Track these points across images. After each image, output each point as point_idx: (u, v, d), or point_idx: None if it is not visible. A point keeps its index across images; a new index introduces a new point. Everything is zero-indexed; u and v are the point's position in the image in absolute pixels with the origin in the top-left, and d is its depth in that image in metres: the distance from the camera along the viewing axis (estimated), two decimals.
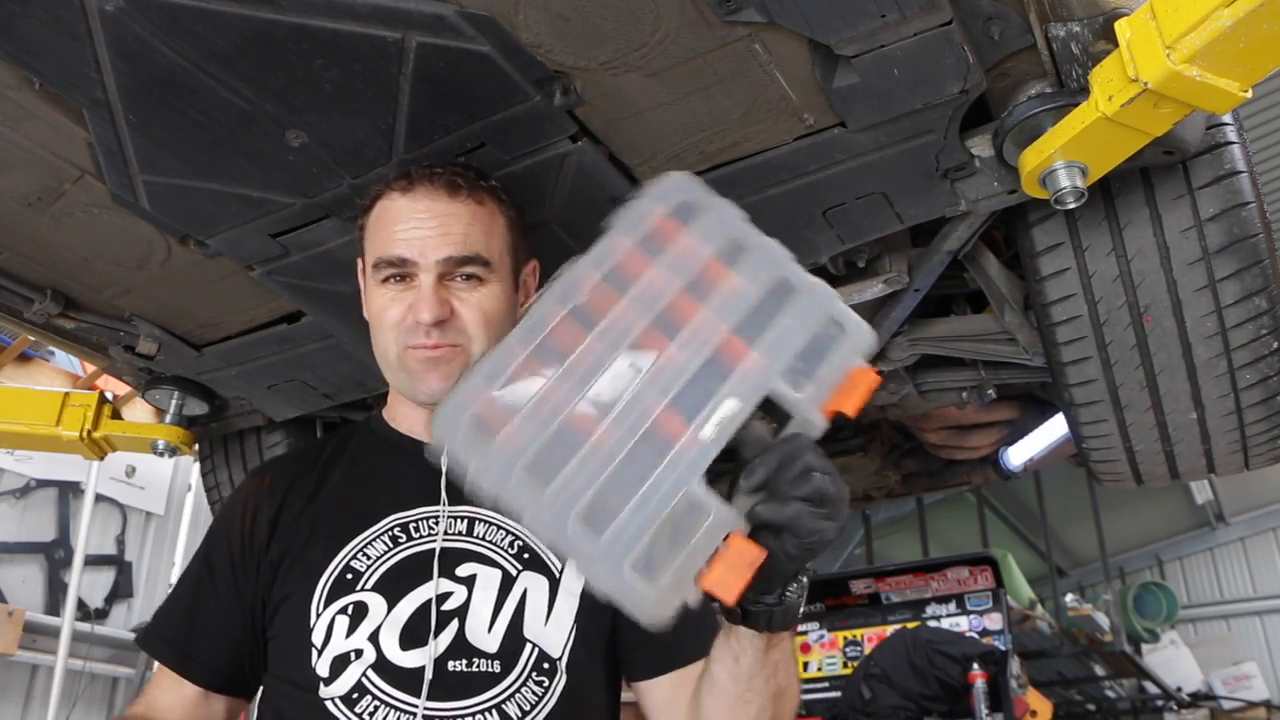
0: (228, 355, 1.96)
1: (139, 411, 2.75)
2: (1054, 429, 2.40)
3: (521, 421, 0.84)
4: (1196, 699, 8.09)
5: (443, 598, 1.16)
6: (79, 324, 1.89)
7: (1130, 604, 8.67)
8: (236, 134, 1.30)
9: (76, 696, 4.44)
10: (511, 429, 0.83)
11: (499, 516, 1.23)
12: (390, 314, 1.20)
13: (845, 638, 5.18)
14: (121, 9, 1.11)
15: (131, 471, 4.95)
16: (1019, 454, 2.64)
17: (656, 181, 0.97)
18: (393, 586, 1.17)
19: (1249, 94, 1.11)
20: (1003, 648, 4.53)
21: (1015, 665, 4.15)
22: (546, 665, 1.15)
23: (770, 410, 0.90)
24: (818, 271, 1.74)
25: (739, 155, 1.39)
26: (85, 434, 2.26)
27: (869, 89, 1.23)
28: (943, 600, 5.08)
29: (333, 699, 1.12)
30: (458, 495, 1.22)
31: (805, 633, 5.28)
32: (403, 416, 1.31)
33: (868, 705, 4.29)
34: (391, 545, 1.21)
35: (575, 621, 1.18)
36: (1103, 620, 7.01)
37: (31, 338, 2.32)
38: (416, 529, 1.22)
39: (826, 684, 5.06)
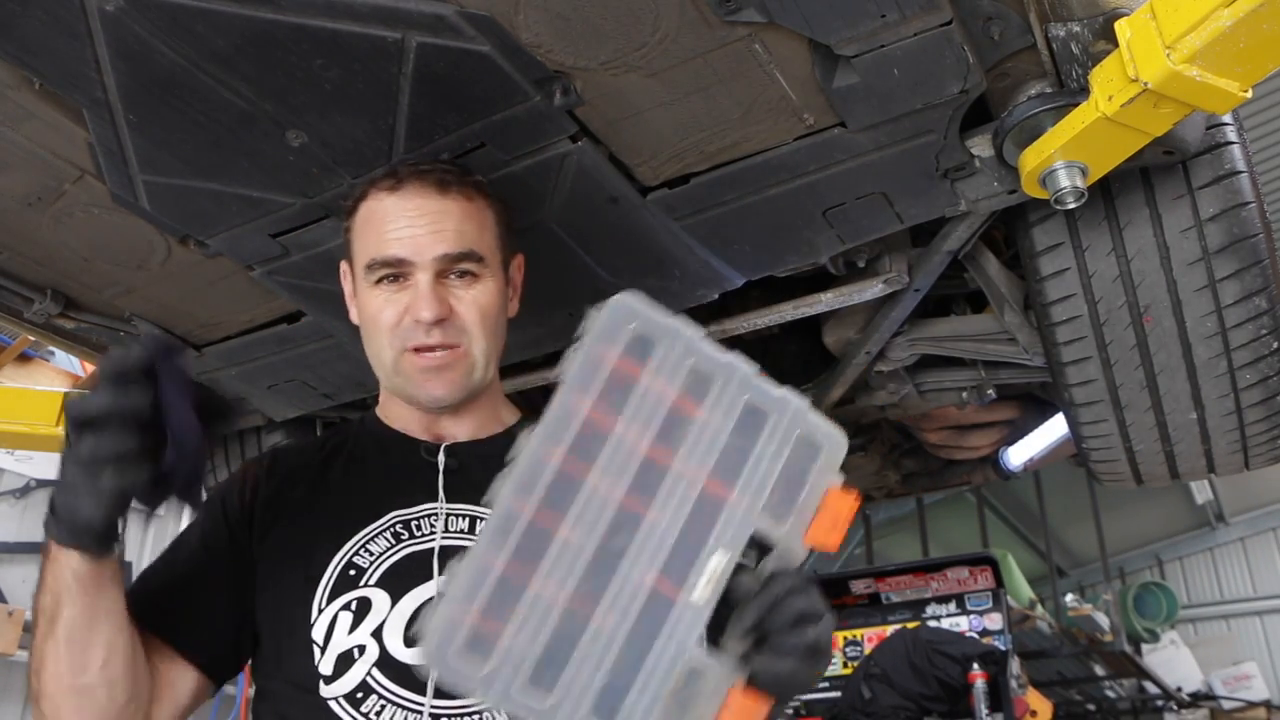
0: (228, 355, 1.96)
1: None
2: (1054, 429, 2.40)
3: (514, 633, 0.78)
4: (1196, 699, 8.09)
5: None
6: (79, 324, 1.89)
7: (1130, 604, 8.68)
8: (236, 134, 1.30)
9: None
10: (505, 643, 0.77)
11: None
12: (386, 315, 1.19)
13: (845, 638, 5.18)
14: (121, 9, 1.11)
15: None
16: (1019, 454, 2.64)
17: (602, 311, 0.85)
18: (396, 583, 1.16)
19: (1249, 94, 1.11)
20: (1003, 648, 4.53)
21: (1015, 665, 4.15)
22: None
23: (752, 545, 0.86)
24: (818, 271, 1.75)
25: (739, 155, 1.39)
26: None
27: (869, 89, 1.23)
28: (943, 600, 5.08)
29: (336, 698, 1.10)
30: (457, 493, 1.21)
31: None
32: (397, 415, 1.31)
33: (868, 705, 4.29)
34: (394, 542, 1.19)
35: None
36: (1103, 620, 7.01)
37: (31, 338, 2.32)
38: (419, 526, 1.20)
39: (826, 684, 5.06)
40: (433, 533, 1.19)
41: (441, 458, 1.25)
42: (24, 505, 4.53)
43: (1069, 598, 7.76)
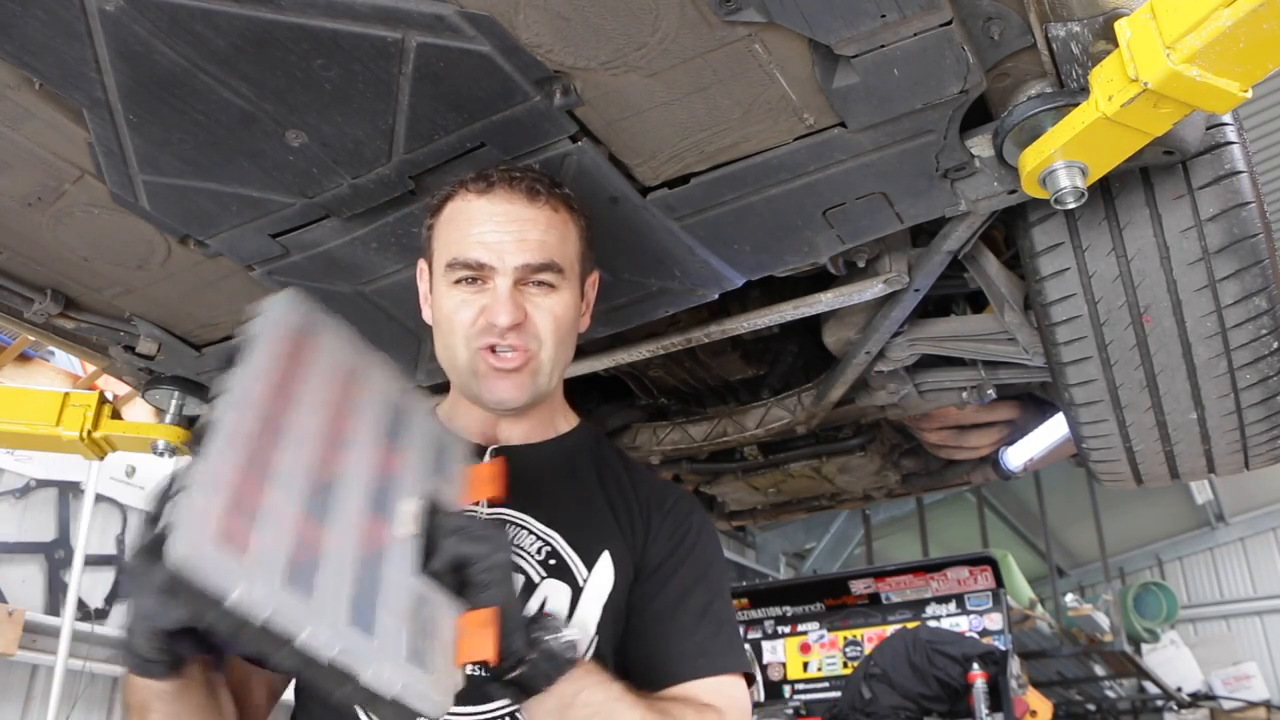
0: (228, 355, 1.96)
1: (139, 411, 2.75)
2: (1054, 429, 2.40)
3: (260, 536, 0.81)
4: (1196, 699, 8.11)
5: None
6: (79, 324, 1.89)
7: (1130, 604, 8.69)
8: (236, 134, 1.30)
9: (76, 696, 4.44)
10: (254, 544, 0.81)
11: (531, 520, 1.22)
12: (462, 316, 1.19)
13: (845, 638, 5.19)
14: (121, 9, 1.11)
15: (131, 471, 4.95)
16: (1019, 454, 2.64)
17: (274, 301, 1.02)
18: None
19: (1249, 94, 1.11)
20: (1003, 648, 4.54)
21: (1015, 665, 4.16)
22: None
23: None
24: (818, 271, 1.75)
25: (739, 155, 1.39)
26: (85, 434, 2.26)
27: (869, 89, 1.23)
28: (943, 600, 5.09)
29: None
30: (528, 505, 1.22)
31: (805, 633, 5.29)
32: (457, 416, 1.31)
33: (868, 705, 4.30)
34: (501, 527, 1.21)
35: (597, 632, 1.18)
36: (1103, 620, 7.01)
37: (31, 338, 2.32)
38: None
39: (826, 684, 5.07)
40: None
41: (486, 460, 1.24)
42: (24, 505, 4.53)
43: (1069, 598, 7.77)
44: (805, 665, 5.22)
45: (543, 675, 1.00)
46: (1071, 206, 1.29)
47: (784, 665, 5.23)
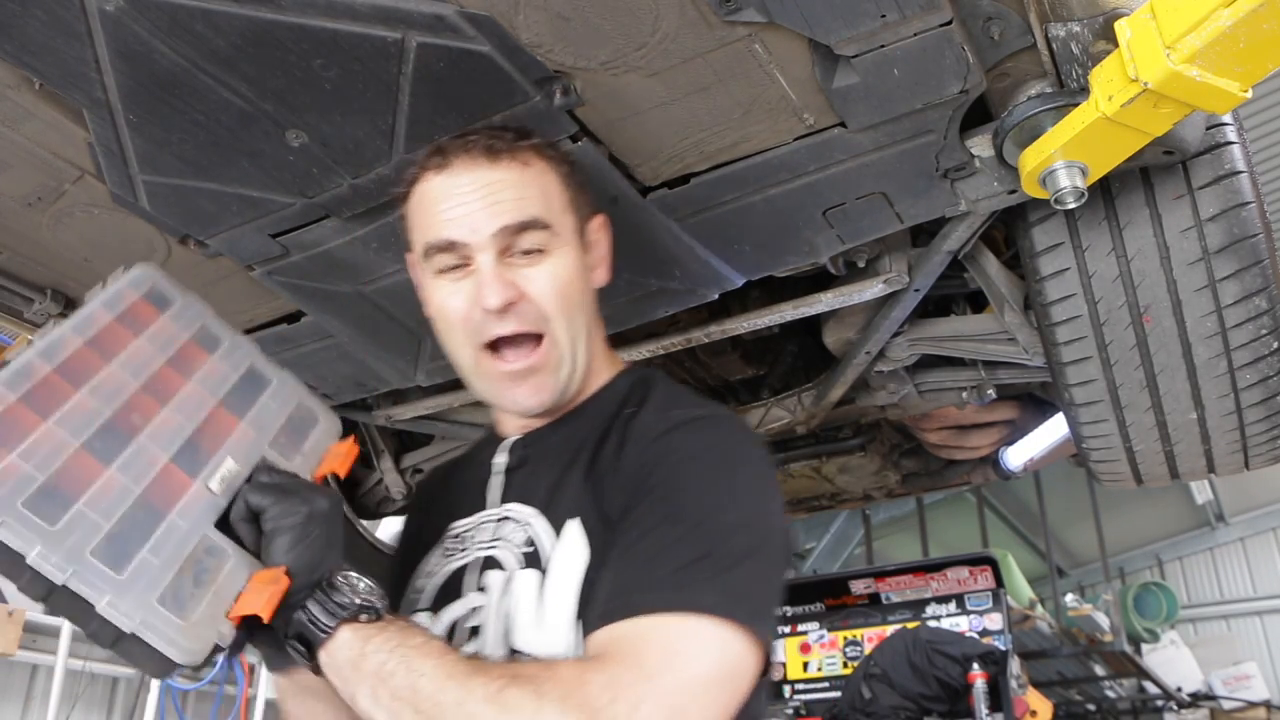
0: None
1: None
2: (1054, 429, 2.40)
3: (18, 459, 0.84)
4: (1196, 699, 8.10)
5: (473, 613, 1.08)
6: None
7: (1130, 604, 8.68)
8: (236, 134, 1.30)
9: (76, 696, 4.44)
10: (30, 445, 0.84)
11: (521, 509, 1.11)
12: (452, 307, 1.09)
13: (845, 638, 5.19)
14: (121, 9, 1.11)
15: None
16: (1019, 454, 2.64)
17: (126, 272, 1.07)
18: (439, 603, 1.12)
19: (1249, 94, 1.11)
20: (1003, 648, 4.54)
21: (1015, 665, 4.16)
22: None
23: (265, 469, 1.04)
24: (818, 271, 1.75)
25: (739, 155, 1.39)
26: None
27: (869, 89, 1.23)
28: (943, 600, 5.09)
29: None
30: (518, 490, 1.14)
31: (805, 633, 5.29)
32: (498, 417, 1.24)
33: (868, 705, 4.30)
34: (444, 559, 1.15)
35: (578, 616, 0.99)
36: (1103, 620, 7.01)
37: (31, 338, 2.31)
38: (470, 537, 1.14)
39: (826, 684, 5.07)
40: (479, 543, 1.13)
41: (500, 457, 1.18)
42: None
43: (1069, 598, 7.77)
44: (805, 665, 5.22)
45: (314, 629, 0.93)
46: (1071, 206, 1.29)
47: (784, 665, 5.24)
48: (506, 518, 1.12)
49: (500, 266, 1.07)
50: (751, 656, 0.91)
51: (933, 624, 4.93)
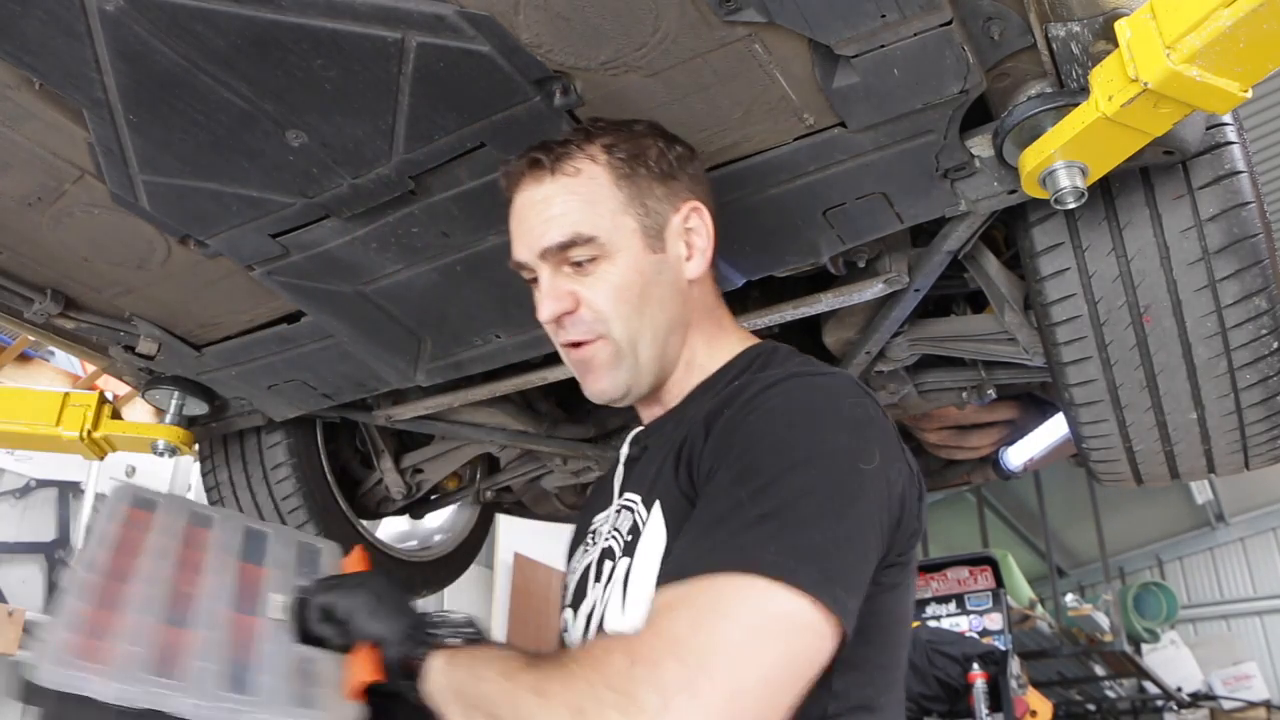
0: (228, 355, 1.96)
1: (139, 411, 2.75)
2: (1054, 429, 2.40)
3: (122, 648, 0.98)
4: (1196, 699, 8.11)
5: (594, 606, 1.10)
6: (79, 324, 1.89)
7: (1130, 604, 8.68)
8: (236, 134, 1.30)
9: None
10: (116, 653, 0.97)
11: (634, 499, 1.11)
12: (540, 317, 1.15)
13: None
14: (121, 9, 1.11)
15: (131, 471, 4.94)
16: (1019, 454, 2.64)
17: (107, 497, 1.22)
18: (575, 599, 1.15)
19: (1249, 94, 1.11)
20: (1003, 648, 4.54)
21: (1015, 665, 4.16)
22: None
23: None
24: (818, 271, 1.75)
25: (739, 155, 1.39)
26: (85, 434, 2.25)
27: (869, 89, 1.23)
28: (943, 600, 5.09)
29: None
30: (635, 483, 1.14)
31: None
32: (637, 411, 1.25)
33: None
34: (584, 555, 1.18)
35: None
36: (1103, 620, 7.01)
37: (31, 338, 2.32)
38: (599, 531, 1.17)
39: None
40: (603, 535, 1.15)
41: (625, 449, 1.22)
42: (24, 505, 4.53)
43: (1069, 598, 7.76)
44: None
45: (405, 658, 1.04)
46: (1071, 206, 1.29)
47: None
48: (623, 508, 1.13)
49: (558, 279, 1.12)
50: (820, 627, 0.83)
51: (933, 624, 4.92)
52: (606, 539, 1.13)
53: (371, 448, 2.69)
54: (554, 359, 1.94)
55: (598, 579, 1.11)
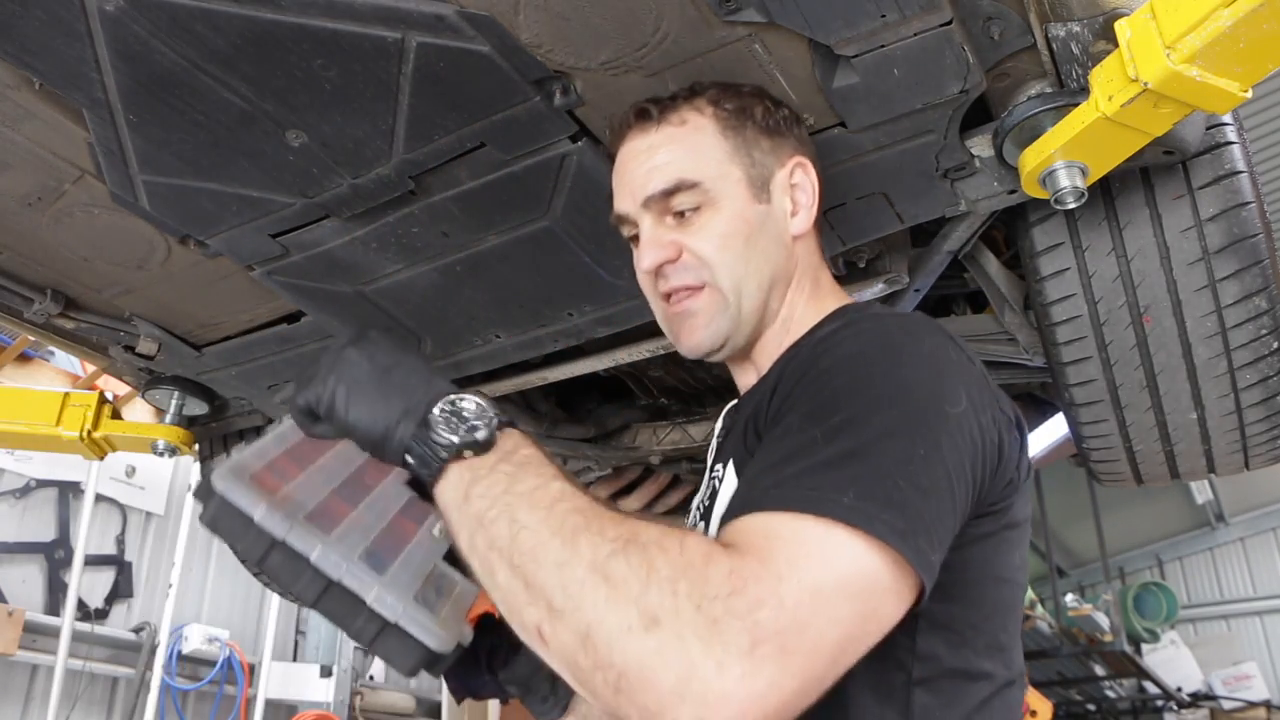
0: (228, 355, 1.96)
1: (139, 411, 2.75)
2: (1054, 429, 2.40)
3: (299, 484, 0.99)
4: (1196, 699, 8.10)
5: None
6: (79, 324, 1.89)
7: (1130, 604, 8.68)
8: (236, 134, 1.30)
9: (76, 696, 4.44)
10: (292, 488, 0.98)
11: (720, 469, 1.08)
12: (638, 270, 1.12)
13: None
14: (121, 9, 1.11)
15: (131, 471, 4.95)
16: None
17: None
18: None
19: (1249, 94, 1.11)
20: None
21: None
22: None
23: None
24: None
25: None
26: (85, 434, 2.26)
27: (869, 89, 1.23)
28: None
29: None
30: (724, 455, 1.08)
31: None
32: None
33: None
34: (699, 496, 1.16)
35: None
36: (1103, 620, 7.01)
37: (31, 338, 2.32)
38: (691, 511, 1.18)
39: None
40: (696, 508, 1.15)
41: (718, 423, 1.21)
42: (24, 505, 4.53)
43: (1069, 598, 7.77)
44: None
45: (422, 459, 0.87)
46: (1071, 206, 1.29)
47: None
48: (713, 478, 1.11)
49: (659, 229, 1.10)
50: (899, 585, 0.77)
51: None
52: (693, 513, 1.14)
53: None
54: (554, 359, 1.94)
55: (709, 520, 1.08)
